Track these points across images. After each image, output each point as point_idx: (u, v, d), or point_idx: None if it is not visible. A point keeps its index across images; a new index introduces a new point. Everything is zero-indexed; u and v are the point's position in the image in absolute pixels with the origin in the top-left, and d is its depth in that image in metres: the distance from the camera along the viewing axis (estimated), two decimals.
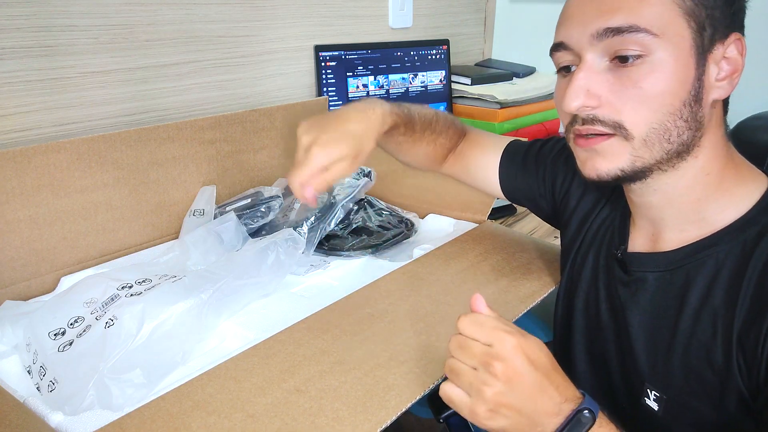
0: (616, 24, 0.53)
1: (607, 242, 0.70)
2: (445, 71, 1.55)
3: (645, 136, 0.54)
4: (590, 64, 0.55)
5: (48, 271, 0.88)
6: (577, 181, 0.77)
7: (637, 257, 0.64)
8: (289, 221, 0.98)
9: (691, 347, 0.57)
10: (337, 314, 0.74)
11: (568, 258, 0.76)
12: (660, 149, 0.55)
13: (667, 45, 0.53)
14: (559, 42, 0.58)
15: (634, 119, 0.54)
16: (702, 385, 0.57)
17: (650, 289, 0.62)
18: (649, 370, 0.61)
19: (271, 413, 0.58)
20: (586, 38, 0.55)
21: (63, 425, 0.60)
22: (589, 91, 0.55)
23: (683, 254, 0.59)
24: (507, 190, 0.86)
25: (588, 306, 0.71)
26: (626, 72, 0.54)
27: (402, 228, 1.02)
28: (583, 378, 0.72)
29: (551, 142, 0.82)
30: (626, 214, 0.68)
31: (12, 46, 0.87)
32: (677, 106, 0.54)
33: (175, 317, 0.69)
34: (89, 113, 0.98)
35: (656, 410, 0.60)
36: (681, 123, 0.54)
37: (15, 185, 0.82)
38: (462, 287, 0.81)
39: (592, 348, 0.70)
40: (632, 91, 0.53)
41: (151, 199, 0.98)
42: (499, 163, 0.84)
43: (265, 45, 1.21)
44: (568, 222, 0.77)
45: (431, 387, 0.61)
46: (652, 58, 0.53)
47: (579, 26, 0.55)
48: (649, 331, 0.61)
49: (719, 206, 0.58)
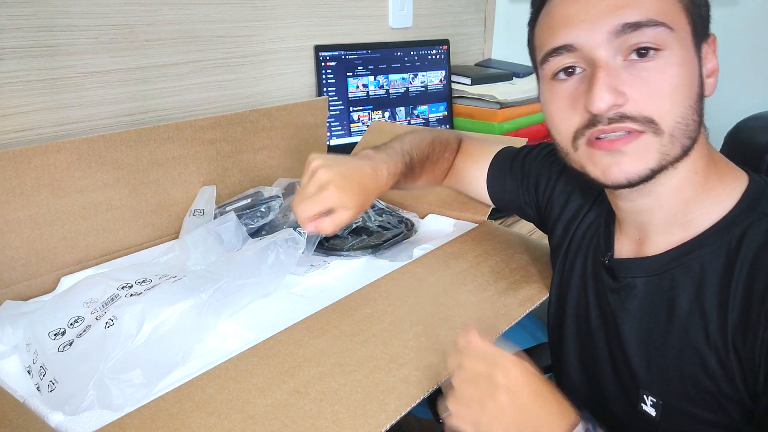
0: (634, 19, 0.52)
1: (594, 248, 0.70)
2: (445, 71, 1.55)
3: (672, 130, 0.53)
4: (608, 62, 0.53)
5: (48, 271, 0.88)
6: (560, 187, 0.77)
7: (625, 263, 0.64)
8: (289, 221, 0.98)
9: (685, 352, 0.57)
10: (337, 315, 0.74)
11: (555, 263, 0.76)
12: (680, 145, 0.54)
13: (679, 39, 0.53)
14: (562, 45, 0.55)
15: (662, 113, 0.53)
16: (698, 390, 0.56)
17: (639, 294, 0.61)
18: (644, 376, 0.61)
19: (270, 415, 0.58)
20: (601, 36, 0.53)
21: (63, 425, 0.60)
22: (615, 88, 0.52)
23: (669, 258, 0.59)
24: (495, 199, 0.87)
25: (578, 313, 0.71)
26: (645, 67, 0.52)
27: (402, 228, 1.02)
28: (575, 383, 0.72)
29: (537, 148, 0.83)
30: (610, 219, 0.68)
31: (12, 46, 0.87)
32: (694, 98, 0.54)
33: (175, 317, 0.69)
34: (89, 113, 0.98)
35: (654, 416, 0.60)
36: (696, 117, 0.54)
37: (15, 185, 0.82)
38: (462, 288, 0.81)
39: (583, 354, 0.70)
40: (655, 85, 0.52)
41: (151, 199, 0.98)
42: (487, 173, 0.85)
43: (265, 45, 1.21)
44: (553, 227, 0.78)
45: (431, 391, 0.61)
46: (669, 52, 0.52)
47: (588, 25, 0.53)
48: (641, 336, 0.61)
49: (705, 207, 0.57)
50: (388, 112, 1.48)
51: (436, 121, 1.56)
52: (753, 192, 0.56)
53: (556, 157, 0.80)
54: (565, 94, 0.57)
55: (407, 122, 1.51)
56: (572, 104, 0.56)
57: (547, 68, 0.58)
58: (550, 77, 0.58)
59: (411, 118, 1.51)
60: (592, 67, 0.54)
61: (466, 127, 1.54)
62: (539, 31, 0.60)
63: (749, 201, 0.56)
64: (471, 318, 0.74)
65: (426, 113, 1.54)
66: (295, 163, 1.21)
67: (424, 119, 1.54)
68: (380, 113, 1.46)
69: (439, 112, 1.56)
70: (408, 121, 1.51)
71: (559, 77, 0.57)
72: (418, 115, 1.52)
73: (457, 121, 1.58)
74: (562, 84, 0.57)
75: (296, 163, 1.21)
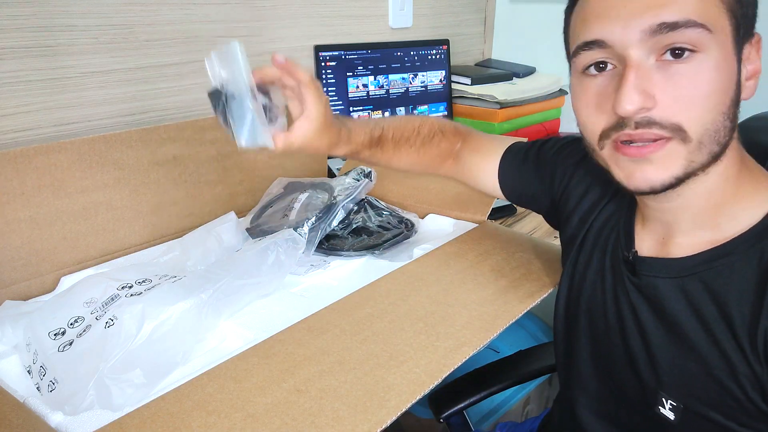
0: (672, 19, 0.49)
1: (613, 243, 0.68)
2: (445, 71, 1.55)
3: (701, 137, 0.51)
4: (639, 62, 0.51)
5: (48, 271, 0.88)
6: (576, 179, 0.76)
7: (648, 261, 0.62)
8: (289, 221, 0.98)
9: (712, 358, 0.55)
10: (337, 314, 0.74)
11: (568, 257, 0.74)
12: (708, 152, 0.52)
13: (718, 41, 0.50)
14: (594, 39, 0.53)
15: (691, 120, 0.50)
16: (724, 397, 0.55)
17: (661, 295, 0.60)
18: (664, 378, 0.59)
19: (271, 413, 0.58)
20: (635, 34, 0.50)
21: (63, 425, 0.60)
22: (645, 91, 0.50)
23: (697, 262, 0.57)
24: (507, 191, 0.86)
25: (593, 308, 0.69)
26: (678, 69, 0.50)
27: (402, 228, 1.02)
28: (586, 379, 0.71)
29: (551, 141, 0.82)
30: (632, 213, 0.66)
31: (12, 46, 0.87)
32: (728, 104, 0.52)
33: (175, 317, 0.69)
34: (89, 113, 0.99)
35: (672, 420, 0.59)
36: (728, 123, 0.52)
37: (16, 185, 0.82)
38: (462, 287, 0.81)
39: (597, 351, 0.69)
40: (687, 89, 0.50)
41: (151, 199, 0.98)
42: (499, 166, 0.84)
43: (265, 45, 1.21)
44: (567, 220, 0.76)
45: (431, 387, 0.61)
46: (706, 55, 0.50)
47: (622, 21, 0.51)
48: (662, 337, 0.60)
49: (734, 212, 0.56)
50: (388, 112, 1.48)
51: None
52: None
53: (571, 149, 0.78)
54: (594, 90, 0.55)
55: None
56: (600, 103, 0.55)
57: (578, 61, 0.56)
58: (580, 71, 0.56)
59: None
60: (623, 66, 0.52)
61: None
62: (574, 21, 0.57)
63: None
64: (471, 315, 0.74)
65: (426, 113, 1.54)
66: (296, 163, 1.21)
67: None
68: (380, 113, 1.46)
69: (439, 112, 1.56)
70: None
71: (590, 72, 0.55)
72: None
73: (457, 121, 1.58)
74: (592, 80, 0.55)
75: (296, 163, 1.21)
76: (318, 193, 1.03)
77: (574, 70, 0.58)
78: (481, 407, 1.34)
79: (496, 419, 1.33)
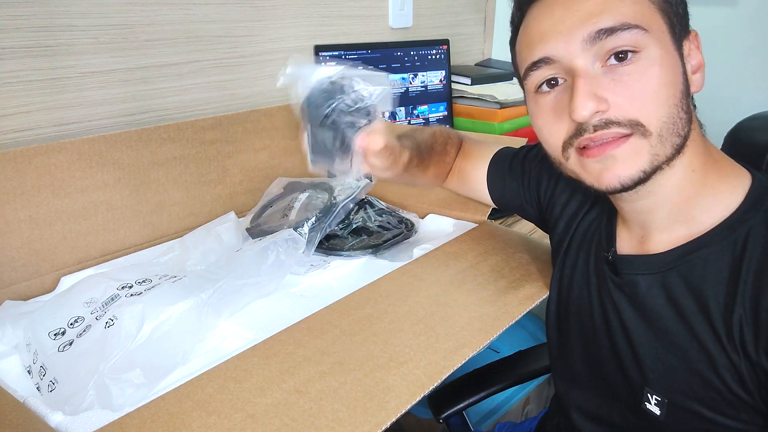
0: (608, 24, 0.52)
1: (596, 244, 0.70)
2: (445, 71, 1.55)
3: (660, 130, 0.53)
4: (587, 69, 0.54)
5: (48, 271, 0.88)
6: (561, 185, 0.77)
7: (628, 260, 0.63)
8: (289, 221, 0.98)
9: (692, 350, 0.56)
10: (337, 314, 0.74)
11: (556, 260, 0.76)
12: (671, 144, 0.54)
13: (656, 39, 0.53)
14: (540, 58, 0.56)
15: (648, 114, 0.53)
16: (707, 390, 0.56)
17: (641, 292, 0.61)
18: (649, 374, 0.60)
19: (270, 414, 0.58)
20: (577, 45, 0.53)
21: (63, 425, 0.60)
22: (596, 95, 0.53)
23: (674, 256, 0.59)
24: (495, 198, 0.88)
25: (581, 309, 0.70)
26: (625, 70, 0.53)
27: (402, 228, 1.02)
28: (580, 380, 0.72)
29: (537, 148, 0.83)
30: (612, 215, 0.68)
31: (12, 46, 0.87)
32: (679, 96, 0.54)
33: (175, 317, 0.69)
34: (89, 113, 0.99)
35: (658, 415, 0.60)
36: (683, 114, 0.54)
37: (15, 185, 0.82)
38: (462, 288, 0.81)
39: (587, 352, 0.70)
40: (637, 87, 0.53)
41: (152, 199, 0.98)
42: (486, 174, 0.86)
43: (264, 45, 1.21)
44: (555, 225, 0.78)
45: (431, 389, 0.61)
46: (647, 53, 0.53)
47: (563, 36, 0.54)
48: (644, 334, 0.61)
49: (706, 204, 0.57)
50: (388, 112, 1.48)
51: (436, 121, 1.56)
52: (757, 190, 0.56)
53: None
54: (550, 106, 0.58)
55: (407, 122, 1.51)
56: (557, 115, 0.57)
57: (530, 82, 0.59)
58: (533, 91, 0.59)
59: (411, 118, 1.51)
60: (572, 77, 0.55)
61: (466, 127, 1.54)
62: (519, 48, 0.61)
63: (754, 199, 0.55)
64: (471, 316, 0.74)
65: (426, 113, 1.54)
66: (296, 163, 1.21)
67: (424, 119, 1.54)
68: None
69: (439, 112, 1.56)
70: (408, 121, 1.51)
71: (543, 90, 0.58)
72: (418, 115, 1.52)
73: (457, 121, 1.58)
74: (545, 96, 0.58)
75: (296, 163, 1.21)
76: (318, 193, 1.03)
77: (528, 92, 0.61)
78: (480, 407, 1.34)
79: (495, 419, 1.33)
